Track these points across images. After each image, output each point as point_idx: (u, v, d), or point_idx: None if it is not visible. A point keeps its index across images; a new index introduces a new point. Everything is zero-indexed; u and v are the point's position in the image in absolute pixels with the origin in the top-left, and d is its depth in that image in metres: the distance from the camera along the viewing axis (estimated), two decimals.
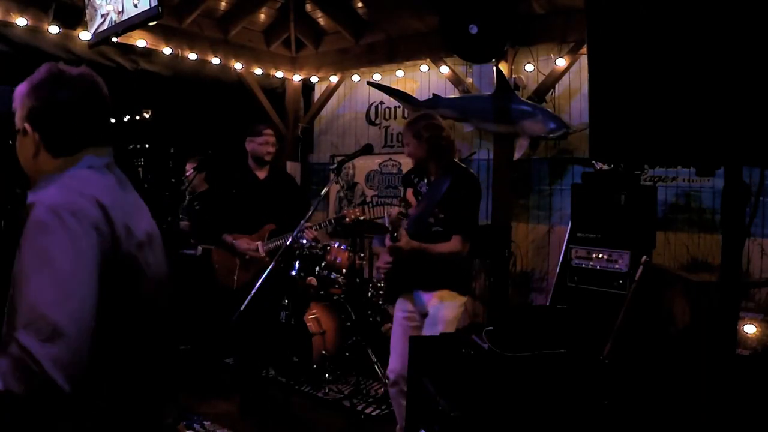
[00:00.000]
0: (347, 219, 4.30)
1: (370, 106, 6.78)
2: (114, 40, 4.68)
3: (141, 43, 5.32)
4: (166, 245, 1.49)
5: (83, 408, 1.19)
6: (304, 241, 4.59)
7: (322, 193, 3.49)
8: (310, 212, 3.46)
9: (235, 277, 4.29)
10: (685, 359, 2.08)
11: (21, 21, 4.70)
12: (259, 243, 4.30)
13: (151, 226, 1.41)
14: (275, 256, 3.33)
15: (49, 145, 1.34)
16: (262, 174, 4.42)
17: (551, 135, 4.93)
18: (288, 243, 3.37)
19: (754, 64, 1.17)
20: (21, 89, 1.37)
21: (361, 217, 4.44)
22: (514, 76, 5.29)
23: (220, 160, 4.57)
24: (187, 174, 4.94)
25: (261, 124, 4.52)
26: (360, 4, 5.87)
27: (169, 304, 1.43)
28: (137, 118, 9.37)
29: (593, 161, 4.47)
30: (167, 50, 5.55)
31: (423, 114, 3.41)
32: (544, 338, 2.61)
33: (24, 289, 1.11)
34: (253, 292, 2.96)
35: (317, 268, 4.83)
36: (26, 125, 1.34)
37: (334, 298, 4.82)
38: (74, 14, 4.87)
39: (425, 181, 3.31)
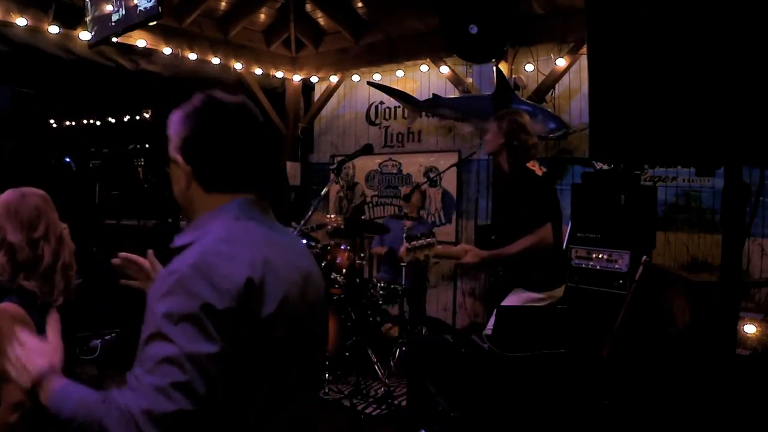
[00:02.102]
0: (329, 226, 4.42)
1: (370, 106, 6.77)
2: (114, 40, 4.68)
3: (141, 43, 5.32)
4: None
5: None
6: (304, 241, 4.60)
7: (322, 193, 3.49)
8: (309, 212, 3.46)
9: None
10: (685, 359, 2.08)
11: (21, 21, 4.70)
12: None
13: (306, 265, 1.30)
14: None
15: (201, 179, 1.25)
16: None
17: (551, 135, 4.93)
18: None
19: (754, 64, 1.17)
20: (174, 118, 1.28)
21: (342, 227, 4.55)
22: (514, 76, 5.29)
23: None
24: None
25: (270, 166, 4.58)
26: (360, 4, 5.87)
27: (316, 341, 1.33)
28: (137, 118, 9.38)
29: (593, 161, 4.47)
30: (167, 50, 5.55)
31: (514, 110, 3.43)
32: (544, 338, 2.61)
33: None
34: None
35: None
36: (178, 156, 1.26)
37: (334, 298, 4.82)
38: (74, 14, 4.87)
39: None
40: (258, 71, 6.43)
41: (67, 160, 8.39)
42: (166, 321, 1.06)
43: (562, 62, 5.07)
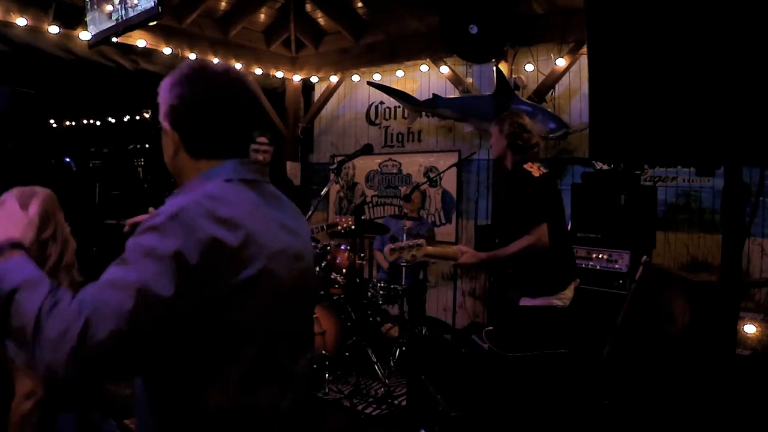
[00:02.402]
0: (338, 227, 4.43)
1: (370, 106, 6.78)
2: (114, 40, 4.68)
3: (141, 43, 5.32)
4: None
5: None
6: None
7: (322, 193, 3.50)
8: (309, 212, 3.46)
9: None
10: (685, 359, 2.08)
11: (21, 21, 4.70)
12: None
13: (294, 239, 1.28)
14: None
15: (188, 146, 1.26)
16: None
17: (551, 135, 4.93)
18: None
19: (754, 64, 1.17)
20: (163, 85, 1.28)
21: (353, 227, 4.56)
22: (514, 76, 5.29)
23: None
24: None
25: (257, 130, 4.56)
26: (360, 4, 5.87)
27: (302, 319, 1.32)
28: (137, 118, 9.38)
29: (593, 161, 4.47)
30: (167, 50, 5.55)
31: (513, 111, 3.40)
32: (545, 338, 2.62)
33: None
34: None
35: (317, 268, 4.83)
36: (165, 123, 1.27)
37: (334, 298, 4.82)
38: (74, 14, 4.87)
39: None
40: (258, 71, 6.43)
41: (67, 160, 8.40)
42: (134, 251, 1.07)
43: (562, 62, 5.07)
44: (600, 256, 4.16)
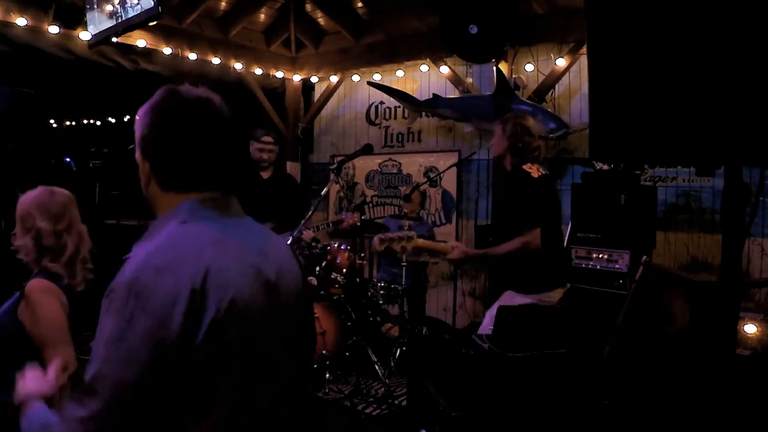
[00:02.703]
0: (344, 224, 4.44)
1: (370, 106, 6.77)
2: (114, 40, 4.68)
3: (141, 43, 5.32)
4: None
5: None
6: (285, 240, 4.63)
7: (322, 193, 3.49)
8: (310, 212, 3.46)
9: None
10: (685, 359, 2.08)
11: (21, 21, 4.70)
12: None
13: (268, 263, 1.23)
14: None
15: (158, 177, 1.22)
16: (265, 174, 4.53)
17: (551, 135, 4.93)
18: (288, 243, 3.37)
19: (754, 64, 1.17)
20: (139, 113, 1.25)
21: (358, 224, 4.57)
22: (514, 76, 5.29)
23: None
24: None
25: (261, 129, 4.62)
26: (360, 4, 5.87)
27: (293, 325, 1.29)
28: (137, 118, 9.38)
29: (593, 161, 4.47)
30: (167, 50, 5.55)
31: (518, 113, 3.42)
32: (544, 338, 2.61)
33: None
34: None
35: (317, 268, 4.83)
36: (138, 153, 1.24)
37: (334, 298, 4.82)
38: (74, 14, 4.87)
39: None
40: (258, 71, 6.43)
41: (67, 160, 8.39)
42: (101, 343, 1.07)
43: (562, 62, 5.07)
44: (600, 256, 4.16)
